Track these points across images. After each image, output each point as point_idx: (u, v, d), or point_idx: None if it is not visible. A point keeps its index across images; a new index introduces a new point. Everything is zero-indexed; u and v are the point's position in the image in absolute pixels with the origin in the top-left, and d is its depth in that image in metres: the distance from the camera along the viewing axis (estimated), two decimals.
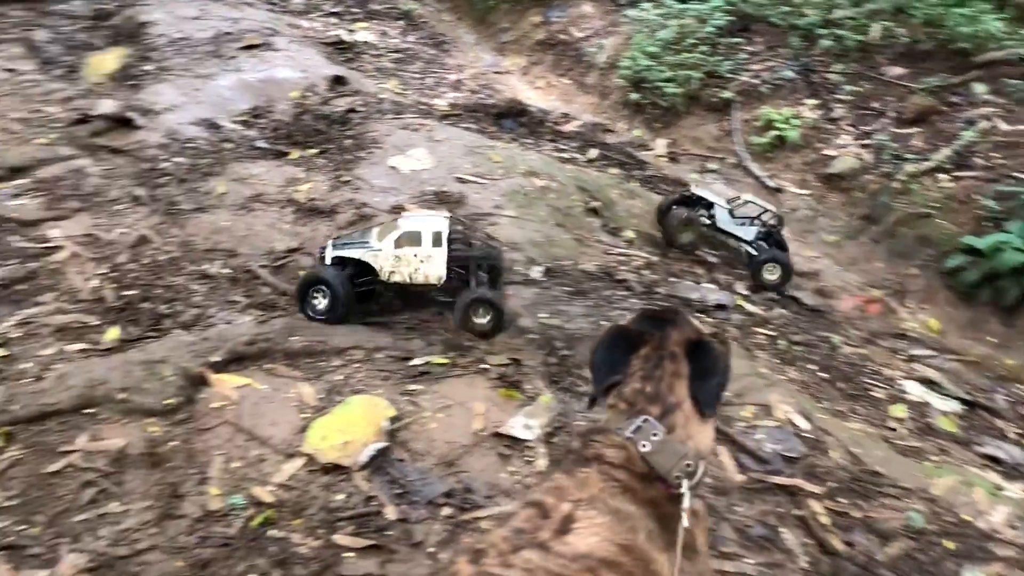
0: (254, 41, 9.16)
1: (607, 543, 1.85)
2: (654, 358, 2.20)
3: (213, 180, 6.46)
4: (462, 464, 3.84)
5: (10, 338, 4.56)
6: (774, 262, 6.38)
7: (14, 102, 7.65)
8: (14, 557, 3.28)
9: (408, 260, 4.87)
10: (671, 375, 2.16)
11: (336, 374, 4.42)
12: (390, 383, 4.35)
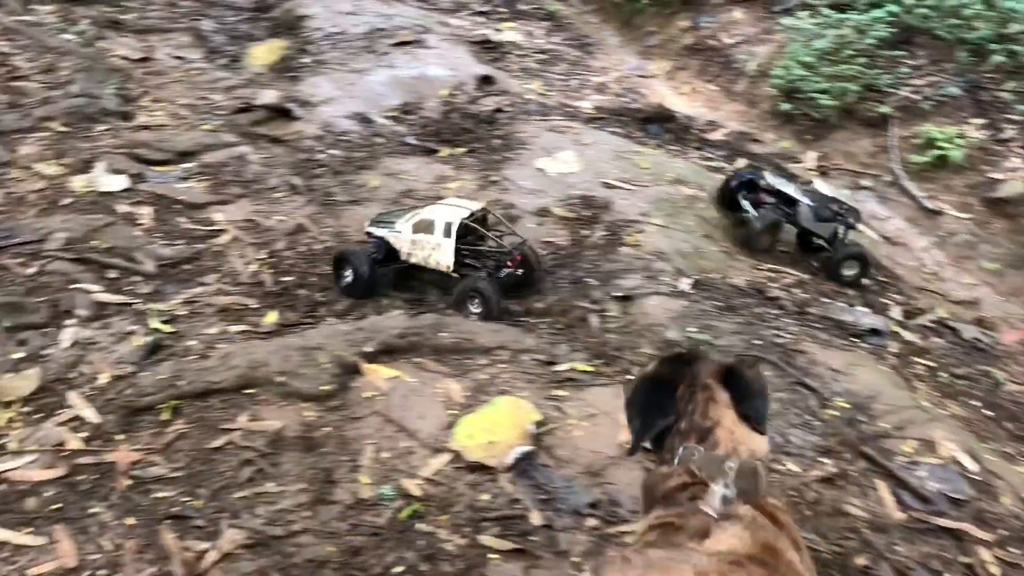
0: (407, 38, 9.36)
1: (748, 541, 1.91)
2: (687, 395, 2.30)
3: (366, 174, 6.62)
4: (608, 476, 3.79)
5: (177, 315, 4.80)
6: (852, 258, 6.14)
7: (182, 89, 8.06)
8: (179, 527, 3.43)
9: (422, 245, 5.20)
10: (704, 403, 2.25)
11: (482, 373, 4.44)
12: (535, 386, 4.34)
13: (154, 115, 7.26)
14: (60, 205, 5.58)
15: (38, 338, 4.34)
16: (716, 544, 1.90)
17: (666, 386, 2.34)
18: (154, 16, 10.02)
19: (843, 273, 6.10)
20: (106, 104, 7.07)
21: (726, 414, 2.23)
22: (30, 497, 3.48)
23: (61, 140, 6.40)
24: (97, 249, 5.14)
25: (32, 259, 4.93)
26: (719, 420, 2.21)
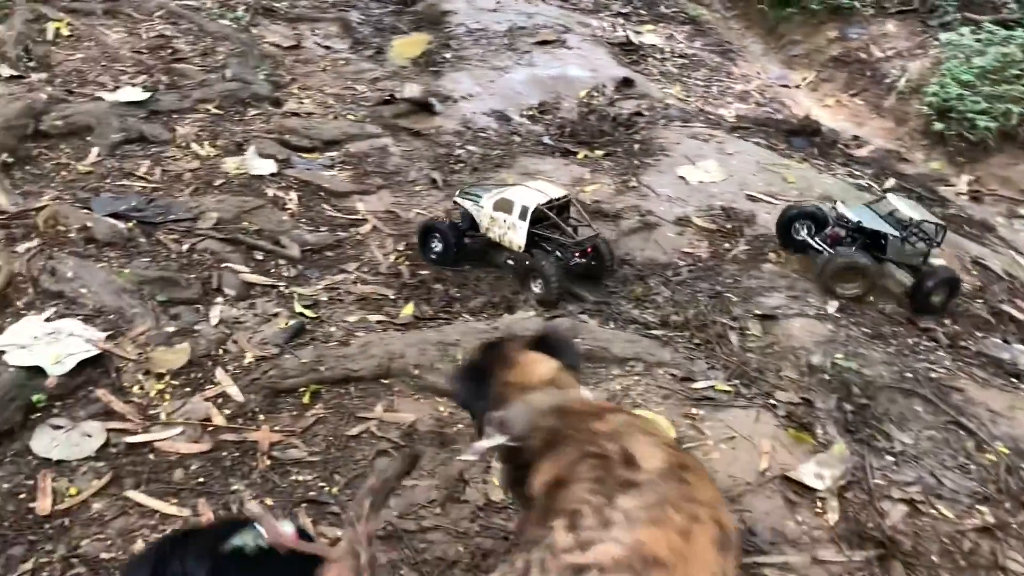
0: (548, 37, 9.34)
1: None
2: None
3: (503, 171, 6.62)
4: (745, 503, 3.65)
5: (319, 301, 4.90)
6: (942, 285, 5.35)
7: (329, 78, 8.25)
8: (315, 511, 3.48)
9: (500, 223, 5.32)
10: (500, 371, 2.61)
11: (615, 383, 4.36)
12: (670, 402, 4.23)
13: (302, 103, 7.46)
14: (213, 185, 5.78)
15: (189, 313, 4.49)
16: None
17: (481, 377, 2.67)
18: (304, 5, 10.31)
19: (933, 303, 5.36)
20: (258, 89, 7.29)
21: (517, 375, 2.59)
22: (177, 468, 3.59)
23: (216, 122, 6.64)
24: (246, 231, 5.29)
25: (185, 236, 5.11)
26: (512, 380, 2.58)
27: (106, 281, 4.42)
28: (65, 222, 4.82)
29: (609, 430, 2.28)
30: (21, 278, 4.34)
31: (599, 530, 1.94)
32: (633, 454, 2.15)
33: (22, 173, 5.46)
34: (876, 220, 5.53)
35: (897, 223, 5.53)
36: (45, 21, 7.58)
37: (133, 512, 3.37)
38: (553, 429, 2.39)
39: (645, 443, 2.21)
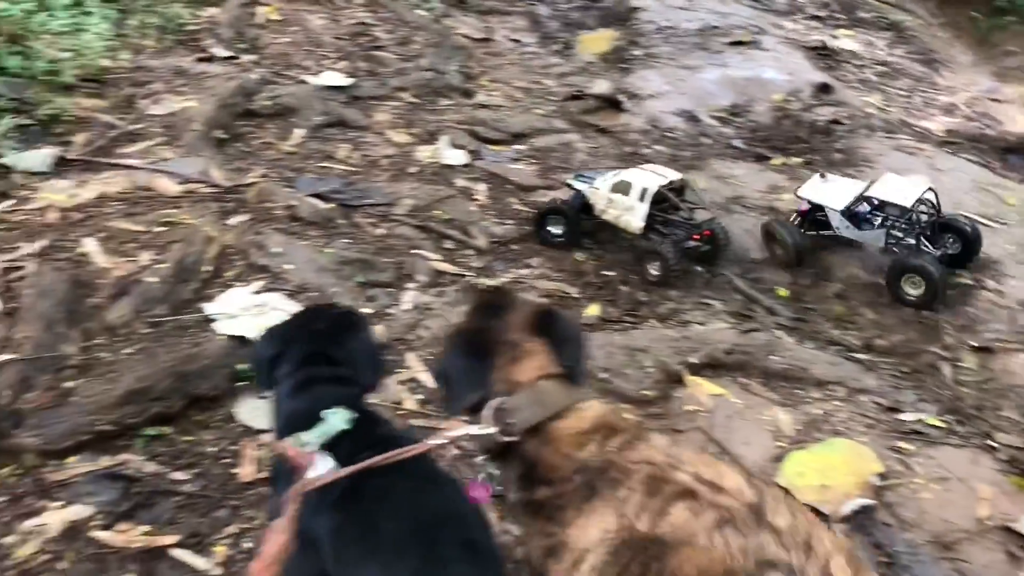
0: (743, 38, 9.02)
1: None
2: (496, 360, 2.00)
3: (694, 174, 6.42)
4: (961, 551, 3.35)
5: None
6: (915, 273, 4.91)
7: (518, 72, 8.27)
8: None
9: (617, 205, 5.27)
10: (507, 366, 1.97)
11: (814, 407, 4.11)
12: (875, 432, 3.94)
13: (492, 95, 7.50)
14: (407, 172, 5.87)
15: (384, 296, 4.56)
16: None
17: (480, 351, 2.04)
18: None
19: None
20: (451, 80, 7.39)
21: (526, 368, 1.97)
22: None
23: (411, 111, 6.76)
24: (437, 219, 5.34)
25: (382, 220, 5.21)
26: (519, 379, 1.95)
27: (309, 259, 4.55)
28: (272, 199, 5.01)
29: (662, 457, 1.76)
30: (232, 250, 4.53)
31: None
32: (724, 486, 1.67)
33: (233, 150, 5.73)
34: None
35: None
36: (256, 6, 7.96)
37: None
38: (595, 459, 1.82)
39: (725, 469, 1.74)
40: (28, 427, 3.24)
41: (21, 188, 4.77)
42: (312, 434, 2.04)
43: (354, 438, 2.05)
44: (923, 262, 4.90)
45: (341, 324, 2.46)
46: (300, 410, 2.17)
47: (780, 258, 5.41)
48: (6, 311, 3.74)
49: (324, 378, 2.25)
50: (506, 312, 2.11)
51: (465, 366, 2.08)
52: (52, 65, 5.78)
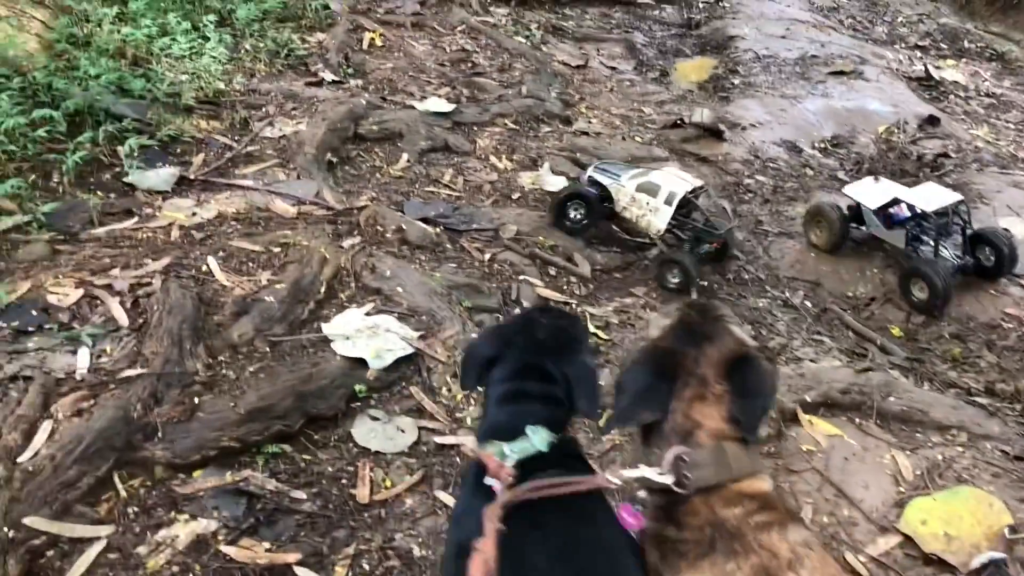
0: (844, 68, 8.86)
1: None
2: (680, 387, 1.93)
3: (798, 206, 6.31)
4: None
5: (610, 322, 4.85)
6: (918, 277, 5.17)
7: (616, 99, 8.27)
8: None
9: (641, 204, 5.35)
10: (691, 399, 1.91)
11: (935, 452, 3.97)
12: (1002, 482, 3.78)
13: (591, 122, 7.52)
14: (511, 198, 5.91)
15: (491, 322, 4.58)
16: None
17: (664, 372, 1.97)
18: (589, 25, 10.46)
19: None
20: (550, 107, 7.43)
21: (712, 414, 1.90)
22: None
23: (512, 137, 6.81)
24: (541, 245, 5.35)
25: (487, 245, 5.25)
26: (702, 422, 1.88)
27: (419, 282, 4.60)
28: (383, 222, 5.08)
29: (787, 553, 1.73)
30: (345, 272, 4.61)
31: None
32: None
33: (343, 172, 5.85)
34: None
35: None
36: (362, 32, 8.14)
37: (442, 513, 3.44)
38: (732, 522, 1.81)
39: None
40: (158, 440, 3.33)
41: (144, 206, 4.94)
42: (512, 447, 2.02)
43: (545, 460, 2.03)
44: (928, 268, 5.10)
45: (563, 337, 2.39)
46: (504, 422, 2.15)
47: (818, 241, 5.67)
48: (135, 326, 3.87)
49: (535, 394, 2.21)
50: (706, 340, 2.03)
51: (647, 384, 2.03)
52: (172, 87, 5.99)
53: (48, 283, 4.06)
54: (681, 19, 11.00)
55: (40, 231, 4.48)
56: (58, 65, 5.71)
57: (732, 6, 11.24)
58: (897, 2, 12.69)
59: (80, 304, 3.98)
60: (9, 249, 4.33)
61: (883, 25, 11.48)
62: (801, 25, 10.42)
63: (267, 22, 7.56)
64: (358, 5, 8.63)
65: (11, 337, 3.70)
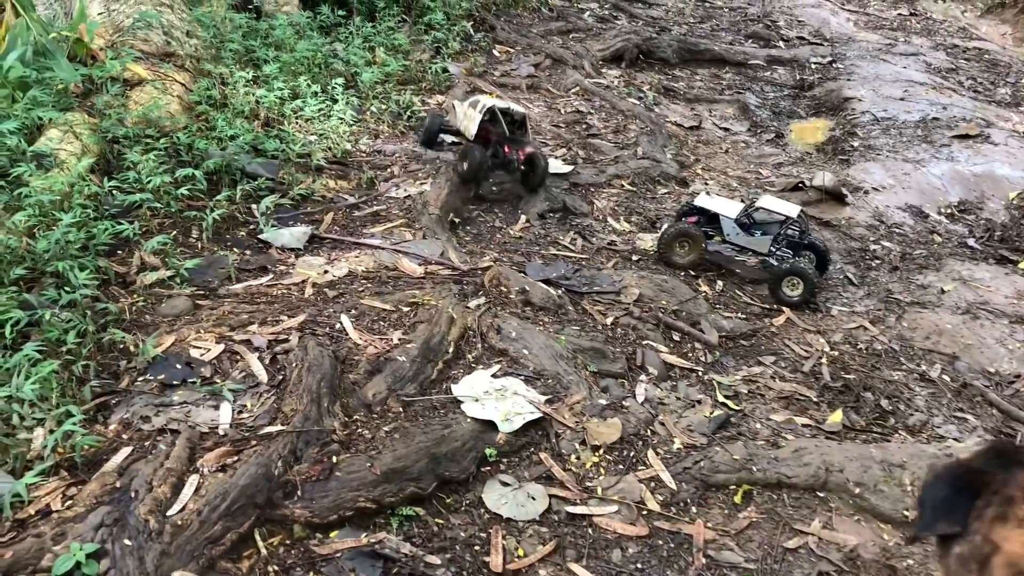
0: (970, 131, 8.58)
1: None
2: (982, 505, 1.65)
3: (929, 274, 6.08)
4: None
5: (739, 392, 4.72)
6: (793, 275, 5.65)
7: (732, 160, 8.19)
8: None
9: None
10: (993, 519, 1.61)
11: None
12: None
13: (707, 183, 7.44)
14: (631, 260, 5.86)
15: (616, 387, 4.52)
16: None
17: (967, 487, 1.72)
18: (700, 86, 10.45)
19: (784, 293, 5.72)
20: (666, 168, 7.40)
21: (1015, 538, 1.60)
22: (615, 548, 3.55)
23: (630, 198, 6.80)
24: (665, 310, 5.28)
25: (610, 309, 5.20)
26: (1001, 545, 1.60)
27: (545, 345, 4.57)
28: (506, 283, 5.10)
29: None
30: (472, 332, 4.62)
31: None
32: None
33: (464, 233, 5.92)
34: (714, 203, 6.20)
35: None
36: (477, 93, 8.30)
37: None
38: None
39: None
40: (297, 499, 3.36)
41: (278, 263, 5.08)
42: None
43: None
44: (803, 266, 5.64)
45: None
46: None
47: (682, 261, 5.92)
48: (274, 382, 3.94)
49: None
50: (1018, 466, 1.94)
51: (946, 496, 1.96)
52: (303, 148, 6.20)
53: (190, 337, 4.19)
54: (793, 80, 10.87)
55: (182, 286, 4.64)
56: (198, 126, 5.98)
57: (846, 67, 11.06)
58: (1019, 62, 12.30)
59: (221, 359, 4.09)
60: (154, 303, 4.49)
61: (1006, 86, 11.10)
62: (920, 87, 10.16)
63: (389, 85, 7.79)
64: (475, 68, 8.82)
65: (158, 390, 3.81)
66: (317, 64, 7.46)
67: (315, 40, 7.71)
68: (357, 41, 8.22)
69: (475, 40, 9.59)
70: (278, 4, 8.55)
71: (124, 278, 4.65)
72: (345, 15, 8.67)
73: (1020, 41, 14.27)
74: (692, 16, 13.15)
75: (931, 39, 13.44)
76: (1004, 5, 15.31)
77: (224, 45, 7.12)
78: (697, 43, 11.32)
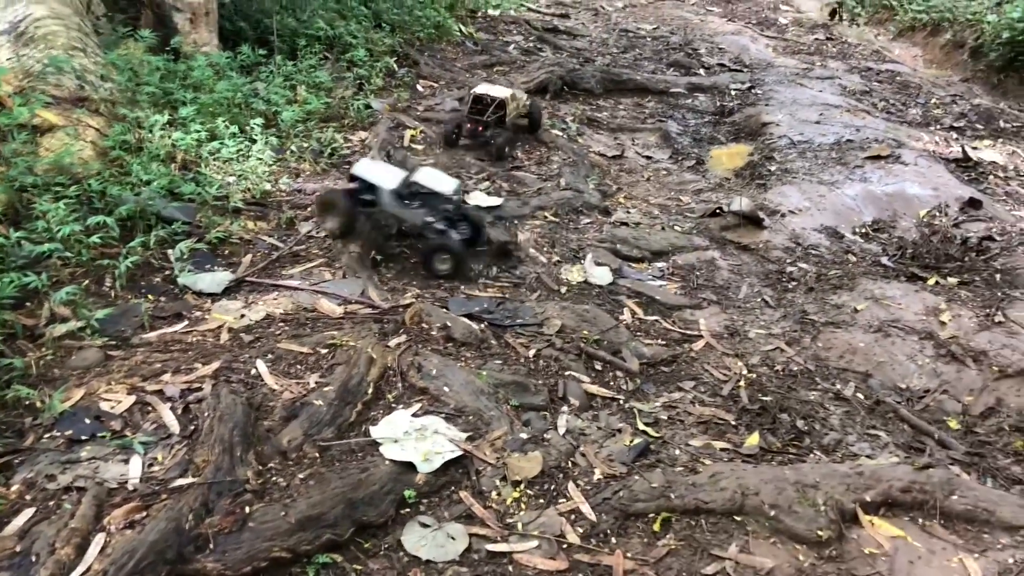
0: (881, 152, 8.87)
1: None
2: None
3: (844, 294, 6.25)
4: None
5: (659, 419, 4.78)
6: (441, 250, 5.91)
7: (654, 188, 8.34)
8: None
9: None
10: None
11: (1005, 554, 3.81)
12: None
13: (629, 212, 7.57)
14: (554, 291, 5.92)
15: (538, 420, 4.54)
16: None
17: None
18: (623, 115, 10.64)
19: (437, 267, 5.93)
20: (589, 198, 7.50)
21: None
22: None
23: (553, 230, 6.87)
24: (586, 339, 5.33)
25: (532, 341, 5.23)
26: None
27: (466, 381, 4.58)
28: (428, 320, 5.10)
29: None
30: (392, 372, 4.61)
31: None
32: None
33: (387, 270, 5.91)
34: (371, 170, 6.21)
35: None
36: (403, 129, 8.34)
37: None
38: None
39: None
40: (209, 552, 3.30)
41: (194, 309, 5.01)
42: None
43: None
44: (450, 243, 5.91)
45: None
46: None
47: (332, 228, 6.02)
48: (186, 433, 3.88)
49: None
50: None
51: None
52: (221, 190, 6.15)
53: (101, 390, 4.11)
54: (713, 107, 11.12)
55: (93, 337, 4.55)
56: (112, 172, 5.89)
57: (764, 93, 11.37)
58: (929, 84, 12.78)
59: (132, 411, 4.02)
60: (63, 356, 4.40)
61: (916, 107, 11.52)
62: (834, 110, 10.49)
63: (311, 123, 7.78)
64: (399, 103, 8.86)
65: (65, 446, 3.73)
66: (237, 104, 7.42)
67: (235, 80, 7.67)
68: (278, 80, 8.19)
69: (398, 76, 9.64)
70: (197, 45, 8.49)
71: (32, 331, 4.55)
72: (266, 54, 8.63)
73: (930, 63, 14.83)
74: (616, 46, 13.40)
75: (846, 62, 13.89)
76: (914, 29, 15.91)
77: (140, 88, 7.04)
78: (620, 73, 11.52)
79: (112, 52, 7.42)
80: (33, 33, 6.96)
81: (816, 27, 16.64)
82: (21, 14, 7.12)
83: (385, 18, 10.81)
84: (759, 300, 6.26)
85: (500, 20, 13.71)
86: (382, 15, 10.81)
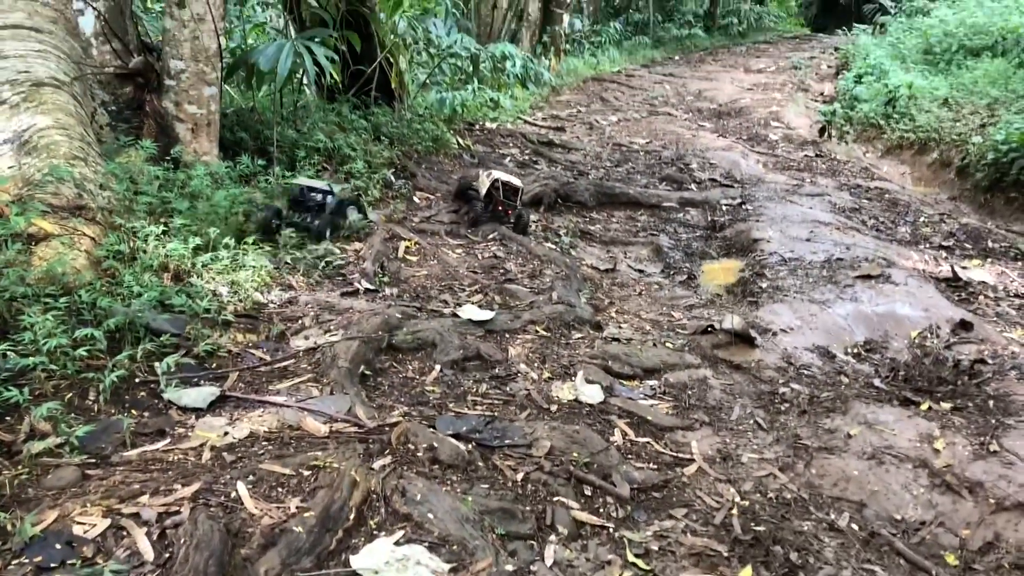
0: (871, 272, 8.95)
1: None
2: None
3: (837, 418, 6.19)
4: None
5: (650, 550, 4.65)
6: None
7: (645, 303, 8.37)
8: None
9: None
10: None
11: None
12: None
13: (621, 327, 7.56)
14: (544, 409, 5.85)
15: (525, 550, 4.41)
16: None
17: None
18: (616, 229, 10.77)
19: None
20: (581, 313, 7.51)
21: None
22: None
23: (544, 344, 6.84)
24: (576, 462, 5.23)
25: (520, 463, 5.13)
26: None
27: (451, 508, 4.47)
28: (414, 440, 5.02)
29: None
30: (375, 496, 4.50)
31: None
32: None
33: (376, 384, 5.86)
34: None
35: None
36: (398, 240, 8.41)
37: None
38: None
39: None
40: None
41: (177, 425, 4.93)
42: None
43: None
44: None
45: None
46: None
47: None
48: (160, 561, 3.75)
49: None
50: None
51: None
52: (211, 302, 6.14)
53: (75, 512, 3.99)
54: (705, 221, 11.29)
55: (72, 454, 4.45)
56: (104, 282, 5.89)
57: (755, 208, 11.56)
58: (917, 201, 13.02)
59: (106, 535, 3.89)
60: (39, 474, 4.29)
61: (905, 225, 11.70)
62: (825, 227, 10.65)
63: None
64: (395, 215, 8.97)
65: (33, 574, 3.59)
66: (233, 213, 7.49)
67: (232, 190, 7.77)
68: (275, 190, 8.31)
69: (396, 187, 9.80)
70: (198, 154, 8.64)
71: (10, 447, 4.45)
72: (265, 164, 8.78)
73: (918, 180, 15.17)
74: (609, 160, 13.69)
75: (835, 179, 14.19)
76: (902, 147, 16.32)
77: (137, 197, 7.11)
78: (613, 187, 11.74)
79: (112, 161, 7.53)
80: (36, 142, 7.06)
81: (806, 143, 17.06)
82: (26, 123, 7.24)
83: (384, 131, 11.05)
84: (752, 422, 6.18)
85: (497, 133, 14.04)
86: (381, 128, 11.06)
